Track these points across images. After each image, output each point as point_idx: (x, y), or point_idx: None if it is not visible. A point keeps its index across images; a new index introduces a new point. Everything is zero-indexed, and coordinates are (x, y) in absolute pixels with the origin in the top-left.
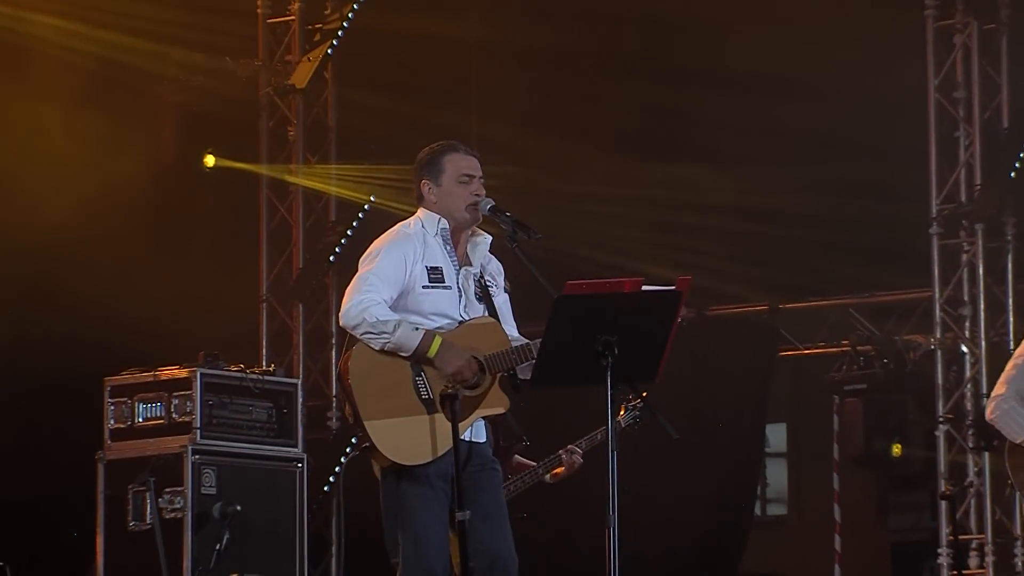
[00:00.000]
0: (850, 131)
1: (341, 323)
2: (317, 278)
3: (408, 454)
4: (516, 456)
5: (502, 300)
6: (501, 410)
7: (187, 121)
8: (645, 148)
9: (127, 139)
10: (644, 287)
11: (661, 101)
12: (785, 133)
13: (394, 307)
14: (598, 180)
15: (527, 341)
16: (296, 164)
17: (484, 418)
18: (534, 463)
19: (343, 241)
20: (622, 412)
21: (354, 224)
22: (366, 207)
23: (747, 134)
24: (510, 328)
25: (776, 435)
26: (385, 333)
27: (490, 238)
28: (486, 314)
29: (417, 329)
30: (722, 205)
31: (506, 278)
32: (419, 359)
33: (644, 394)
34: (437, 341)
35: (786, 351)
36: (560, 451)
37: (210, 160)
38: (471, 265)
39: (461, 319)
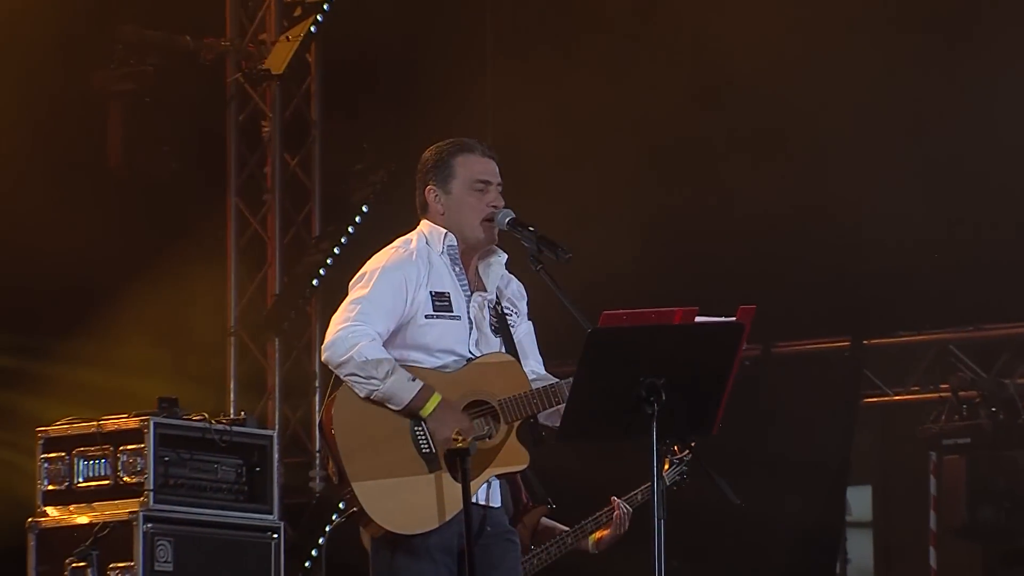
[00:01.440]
0: (947, 123)
1: (323, 358)
2: (297, 307)
3: (405, 521)
4: (542, 519)
5: (524, 331)
6: (519, 467)
7: (137, 114)
8: (692, 142)
9: (62, 136)
10: (698, 318)
11: (713, 88)
12: (867, 125)
13: (389, 341)
14: (637, 185)
15: (555, 380)
16: (272, 158)
17: (499, 477)
18: (565, 528)
19: (329, 261)
20: (666, 467)
21: (342, 240)
22: (357, 219)
23: (820, 127)
24: (535, 364)
25: (860, 500)
26: (374, 379)
27: (505, 256)
28: (503, 350)
29: (414, 380)
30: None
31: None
32: (411, 415)
33: (692, 444)
34: (434, 400)
35: (872, 397)
36: (603, 510)
37: None
38: (485, 290)
39: (471, 356)
